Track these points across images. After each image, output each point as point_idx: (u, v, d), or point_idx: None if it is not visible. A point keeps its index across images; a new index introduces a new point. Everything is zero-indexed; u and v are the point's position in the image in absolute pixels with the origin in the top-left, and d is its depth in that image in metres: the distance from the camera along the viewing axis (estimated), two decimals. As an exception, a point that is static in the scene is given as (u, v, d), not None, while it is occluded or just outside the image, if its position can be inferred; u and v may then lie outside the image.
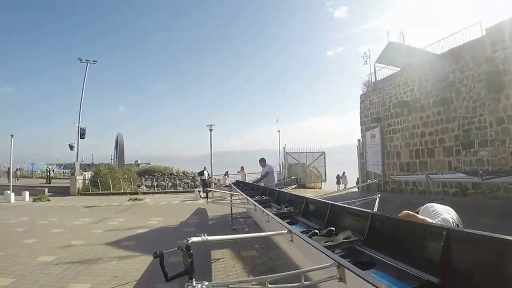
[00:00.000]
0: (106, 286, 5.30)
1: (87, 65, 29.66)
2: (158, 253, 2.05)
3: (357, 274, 1.74)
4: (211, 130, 23.25)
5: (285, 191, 7.72)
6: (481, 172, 10.51)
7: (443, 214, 3.12)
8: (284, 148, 28.96)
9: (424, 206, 3.54)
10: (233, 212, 10.46)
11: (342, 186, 29.66)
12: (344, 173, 31.56)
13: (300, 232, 3.36)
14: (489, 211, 10.74)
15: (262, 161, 11.60)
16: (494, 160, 13.12)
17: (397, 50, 19.17)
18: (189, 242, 2.10)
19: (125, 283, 5.40)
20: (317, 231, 3.37)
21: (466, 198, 13.62)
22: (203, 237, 2.30)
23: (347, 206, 3.89)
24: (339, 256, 2.51)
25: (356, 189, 19.98)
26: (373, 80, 21.90)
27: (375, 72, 21.70)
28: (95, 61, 30.57)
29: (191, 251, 2.07)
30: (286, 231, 3.03)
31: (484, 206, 11.76)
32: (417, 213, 3.43)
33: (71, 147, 29.18)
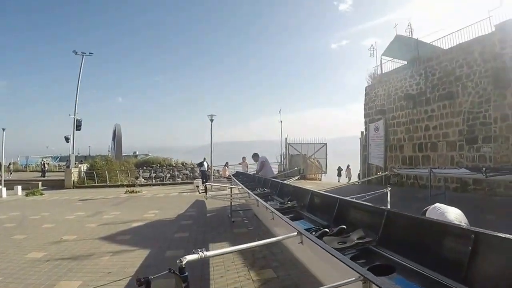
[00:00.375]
0: (99, 283, 5.12)
1: (82, 57, 29.34)
2: (143, 279, 1.71)
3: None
4: (211, 120, 23.09)
5: (288, 183, 7.57)
6: (484, 168, 10.44)
7: (450, 217, 2.96)
8: (286, 139, 28.75)
9: (433, 206, 3.40)
10: (233, 204, 10.30)
11: (345, 179, 29.59)
12: (348, 166, 31.38)
13: (308, 229, 3.26)
14: (491, 208, 10.65)
15: (255, 156, 11.78)
16: (497, 156, 13.07)
17: (404, 43, 19.08)
18: (183, 262, 1.81)
19: (118, 280, 5.22)
20: (327, 229, 3.20)
21: (466, 194, 13.59)
22: (200, 253, 1.99)
23: (358, 201, 3.75)
24: (352, 256, 2.36)
25: (358, 182, 19.89)
26: (379, 72, 21.85)
27: (381, 64, 21.66)
28: (91, 53, 30.24)
29: (186, 274, 1.78)
30: (295, 233, 2.80)
31: (485, 202, 11.70)
32: (424, 214, 3.27)
33: (66, 139, 28.93)
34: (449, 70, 15.42)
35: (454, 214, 3.08)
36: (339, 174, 31.41)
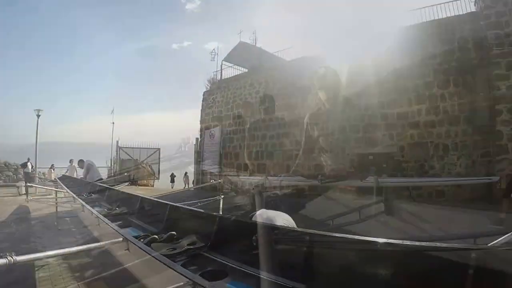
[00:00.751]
0: None
1: None
2: None
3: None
4: (38, 116, 21.70)
5: (117, 189, 7.41)
6: (320, 176, 11.43)
7: (278, 222, 3.07)
8: (117, 142, 28.02)
9: (259, 213, 3.39)
10: (59, 210, 9.78)
11: (181, 185, 29.81)
12: (186, 173, 31.62)
13: (137, 236, 3.16)
14: (324, 212, 11.70)
15: (81, 162, 12.05)
16: (333, 165, 14.25)
17: (247, 50, 19.76)
18: None
19: None
20: (156, 236, 3.13)
21: (301, 199, 14.64)
22: (8, 257, 1.70)
23: (189, 207, 3.77)
24: (183, 263, 2.33)
25: (192, 189, 20.13)
26: (219, 78, 22.38)
27: (221, 70, 22.29)
28: None
29: None
30: (121, 239, 2.72)
31: (319, 206, 12.77)
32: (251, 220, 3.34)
33: None
34: (290, 81, 16.44)
35: (281, 219, 3.19)
36: (172, 181, 31.54)
